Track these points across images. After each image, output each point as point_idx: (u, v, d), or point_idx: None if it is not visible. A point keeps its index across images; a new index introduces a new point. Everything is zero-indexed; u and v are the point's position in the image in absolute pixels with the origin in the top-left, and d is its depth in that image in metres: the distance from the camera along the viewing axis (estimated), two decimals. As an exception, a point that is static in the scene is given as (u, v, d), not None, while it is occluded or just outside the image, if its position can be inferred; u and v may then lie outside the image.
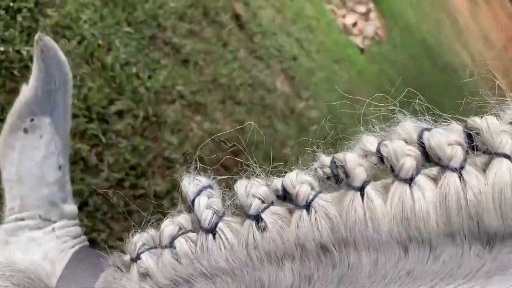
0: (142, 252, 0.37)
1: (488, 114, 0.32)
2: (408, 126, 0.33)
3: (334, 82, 3.93)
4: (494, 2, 12.66)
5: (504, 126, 0.31)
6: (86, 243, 0.55)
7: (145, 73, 2.04)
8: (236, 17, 2.98)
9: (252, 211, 0.34)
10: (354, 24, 5.45)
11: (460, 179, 0.30)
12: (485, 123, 0.31)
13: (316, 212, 0.33)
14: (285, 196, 0.35)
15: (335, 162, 0.33)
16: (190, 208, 0.37)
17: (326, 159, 0.35)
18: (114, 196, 1.63)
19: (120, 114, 1.83)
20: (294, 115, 3.04)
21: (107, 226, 1.57)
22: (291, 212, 0.34)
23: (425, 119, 0.34)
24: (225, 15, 2.85)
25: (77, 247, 0.52)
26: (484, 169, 0.30)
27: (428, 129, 0.32)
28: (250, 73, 2.82)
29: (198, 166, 0.40)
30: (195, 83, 2.29)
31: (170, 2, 2.47)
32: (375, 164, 0.33)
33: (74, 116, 1.64)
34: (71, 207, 0.55)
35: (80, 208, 1.51)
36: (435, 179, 0.31)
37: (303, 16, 4.11)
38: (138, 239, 0.38)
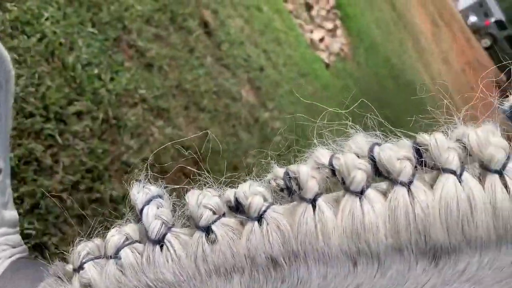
0: (85, 262, 0.35)
1: (436, 131, 0.34)
2: (360, 140, 0.33)
3: (299, 95, 3.97)
4: (455, 26, 13.20)
5: (451, 143, 0.32)
6: (26, 253, 0.51)
7: (107, 75, 1.99)
8: (204, 24, 2.97)
9: (203, 222, 0.33)
10: (321, 40, 5.54)
11: (408, 193, 0.31)
12: (433, 140, 0.32)
13: (268, 224, 0.32)
14: (237, 208, 0.34)
15: (288, 174, 0.33)
16: (138, 218, 0.35)
17: (279, 171, 0.34)
18: (68, 199, 1.57)
19: (78, 115, 1.78)
20: (258, 125, 3.04)
21: (59, 230, 1.51)
22: (242, 224, 0.33)
23: (376, 134, 0.35)
24: (193, 21, 2.84)
25: (14, 258, 0.48)
26: (432, 184, 0.31)
27: (378, 144, 0.33)
28: (215, 80, 2.81)
29: (149, 174, 0.38)
30: (158, 88, 2.26)
31: (137, 5, 2.44)
32: (327, 177, 0.33)
33: (30, 115, 1.58)
34: (12, 214, 0.51)
35: (31, 210, 1.45)
36: (384, 193, 0.32)
37: (272, 28, 4.15)
38: (82, 248, 0.36)
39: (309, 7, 5.72)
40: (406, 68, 7.58)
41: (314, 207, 0.32)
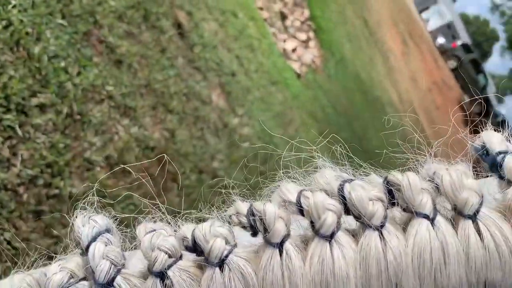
0: None
1: (407, 168, 0.33)
2: (328, 175, 0.32)
3: (269, 103, 3.99)
4: (423, 46, 13.58)
5: (424, 183, 0.31)
6: None
7: (75, 68, 1.94)
8: (178, 25, 2.94)
9: (157, 267, 0.30)
10: (294, 50, 5.59)
11: (380, 238, 0.29)
12: (406, 180, 0.30)
13: (230, 270, 0.30)
14: (194, 248, 0.31)
15: (252, 213, 0.30)
16: (83, 252, 0.32)
17: (242, 207, 0.31)
18: (25, 193, 1.52)
19: (41, 107, 1.72)
20: (227, 130, 3.03)
21: (13, 225, 1.45)
22: (202, 268, 0.31)
23: (344, 164, 0.33)
24: (166, 21, 2.81)
25: None
26: (403, 226, 0.30)
27: (348, 181, 0.31)
28: (186, 82, 2.79)
29: (96, 200, 0.34)
30: (126, 86, 2.22)
31: (110, 0, 2.40)
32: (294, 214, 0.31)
33: (-11, 104, 1.52)
34: None
35: (-16, 203, 1.40)
36: (354, 235, 0.30)
37: (246, 35, 4.16)
38: (19, 284, 0.32)
39: (283, 17, 5.77)
40: (375, 84, 7.73)
41: (280, 251, 0.30)
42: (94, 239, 0.31)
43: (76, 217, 0.32)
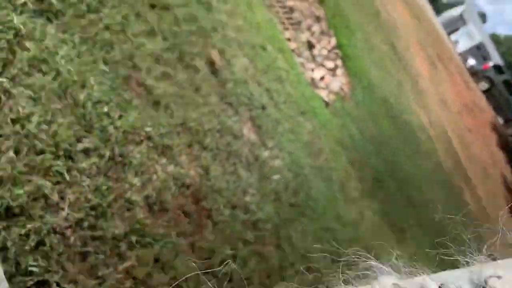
0: None
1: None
2: (386, 284, 0.32)
3: (298, 133, 4.04)
4: (453, 68, 13.43)
5: None
6: None
7: (116, 112, 2.06)
8: (211, 63, 3.06)
9: None
10: (322, 78, 5.66)
11: None
12: None
13: None
14: None
15: None
16: None
17: None
18: (71, 236, 1.61)
19: (86, 152, 1.83)
20: (258, 163, 3.09)
21: (61, 267, 1.54)
22: None
23: (402, 267, 0.34)
24: (200, 60, 2.93)
25: None
26: None
27: None
28: (218, 118, 2.88)
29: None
30: (164, 126, 2.32)
31: (148, 44, 2.52)
32: None
33: (41, 152, 1.63)
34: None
35: (36, 247, 1.49)
36: None
37: (274, 67, 4.26)
38: None
39: (311, 46, 5.87)
40: (404, 109, 7.70)
41: None
42: None
43: None
